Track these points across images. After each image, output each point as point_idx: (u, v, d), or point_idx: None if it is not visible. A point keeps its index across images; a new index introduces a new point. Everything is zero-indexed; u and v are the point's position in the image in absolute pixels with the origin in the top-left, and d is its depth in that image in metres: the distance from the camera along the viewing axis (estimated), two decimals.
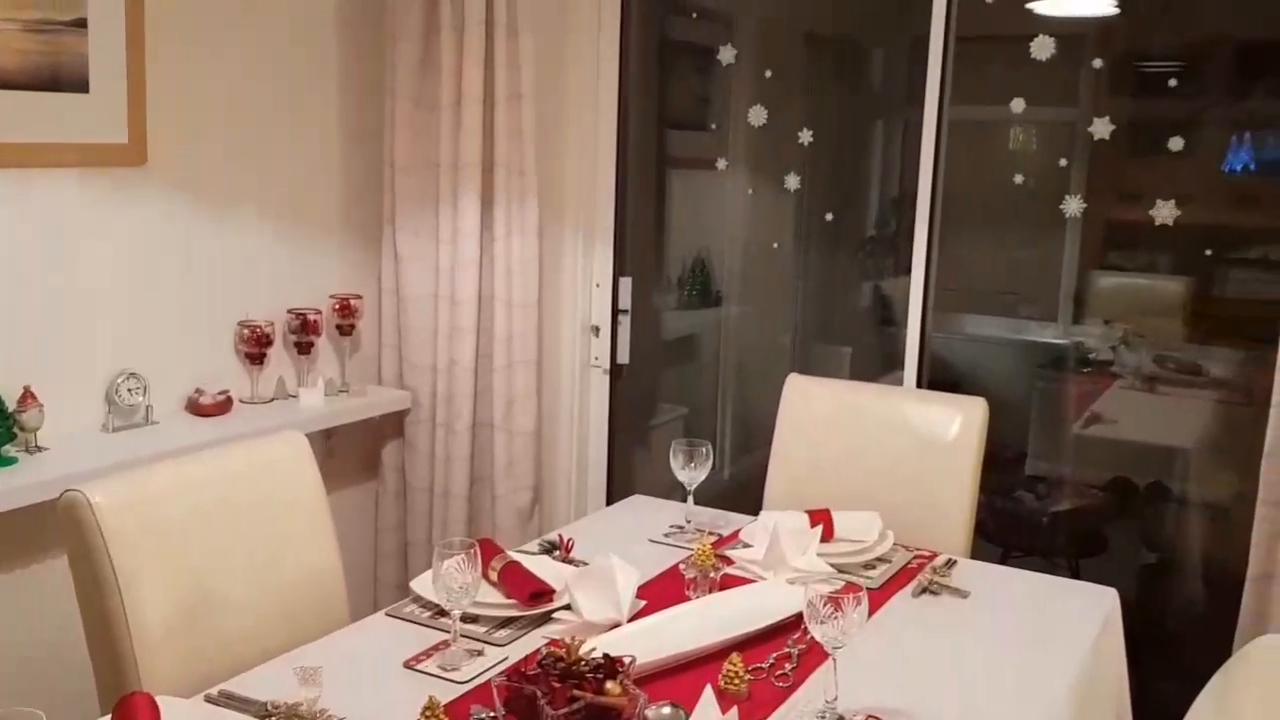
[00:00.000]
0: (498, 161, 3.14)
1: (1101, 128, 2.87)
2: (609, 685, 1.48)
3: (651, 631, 1.84)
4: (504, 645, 1.85)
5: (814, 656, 1.78)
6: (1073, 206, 2.96)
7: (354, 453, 3.35)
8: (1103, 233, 3.27)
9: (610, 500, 3.57)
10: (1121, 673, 2.12)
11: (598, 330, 3.57)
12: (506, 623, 1.92)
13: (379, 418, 3.26)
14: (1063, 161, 3.02)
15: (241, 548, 1.97)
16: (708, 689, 1.60)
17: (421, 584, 2.00)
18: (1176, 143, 2.81)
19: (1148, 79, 3.10)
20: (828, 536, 2.25)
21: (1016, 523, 3.45)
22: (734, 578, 2.13)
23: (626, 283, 3.57)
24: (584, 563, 2.13)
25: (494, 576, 1.99)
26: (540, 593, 1.96)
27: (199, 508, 1.92)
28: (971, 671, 1.83)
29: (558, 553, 2.22)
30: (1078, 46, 2.97)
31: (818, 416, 2.68)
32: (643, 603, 1.99)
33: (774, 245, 3.90)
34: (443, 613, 1.86)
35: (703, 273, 4.02)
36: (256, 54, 2.94)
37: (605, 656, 1.54)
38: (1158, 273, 3.30)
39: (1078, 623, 2.02)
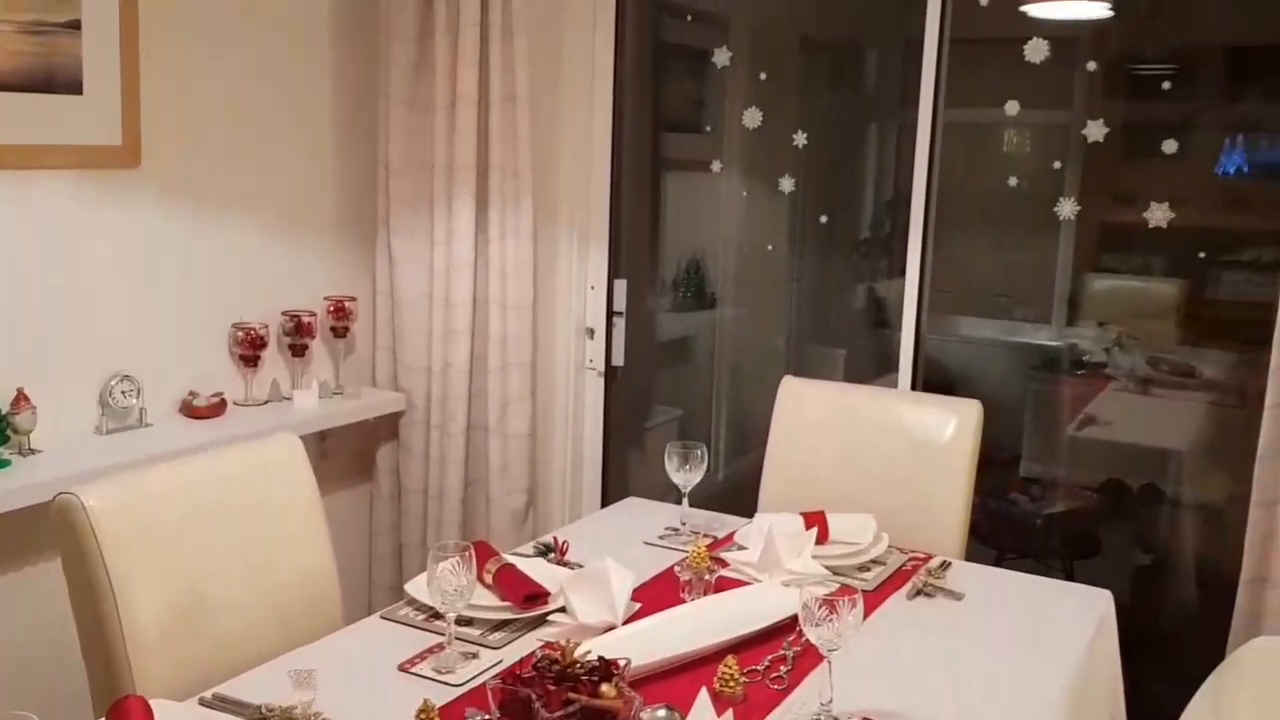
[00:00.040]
0: (492, 164, 3.14)
1: (1095, 130, 2.88)
2: (604, 688, 1.48)
3: (646, 634, 1.84)
4: (499, 648, 1.85)
5: (809, 659, 1.78)
6: (1067, 209, 2.97)
7: (348, 455, 3.35)
8: (1097, 235, 3.28)
9: (605, 502, 3.57)
10: (1116, 674, 2.12)
11: (592, 332, 3.57)
12: (501, 625, 1.92)
13: (373, 420, 3.26)
14: (1057, 164, 3.03)
15: (236, 550, 1.97)
16: (703, 691, 1.60)
17: (416, 587, 2.00)
18: (1170, 145, 2.81)
19: (1141, 82, 3.11)
20: (823, 539, 2.25)
21: (1011, 525, 3.45)
22: (729, 580, 2.13)
23: (621, 285, 3.57)
24: (579, 565, 2.13)
25: (489, 579, 1.99)
26: (535, 595, 1.96)
27: (193, 510, 1.92)
28: (966, 673, 1.83)
29: (552, 555, 2.21)
30: (1072, 49, 2.98)
31: (812, 419, 2.69)
32: (638, 605, 1.99)
33: (769, 247, 3.91)
34: (437, 615, 1.86)
35: (697, 275, 4.02)
36: (251, 56, 2.94)
37: (600, 659, 1.54)
38: (1151, 275, 3.30)
39: (1072, 624, 2.03)
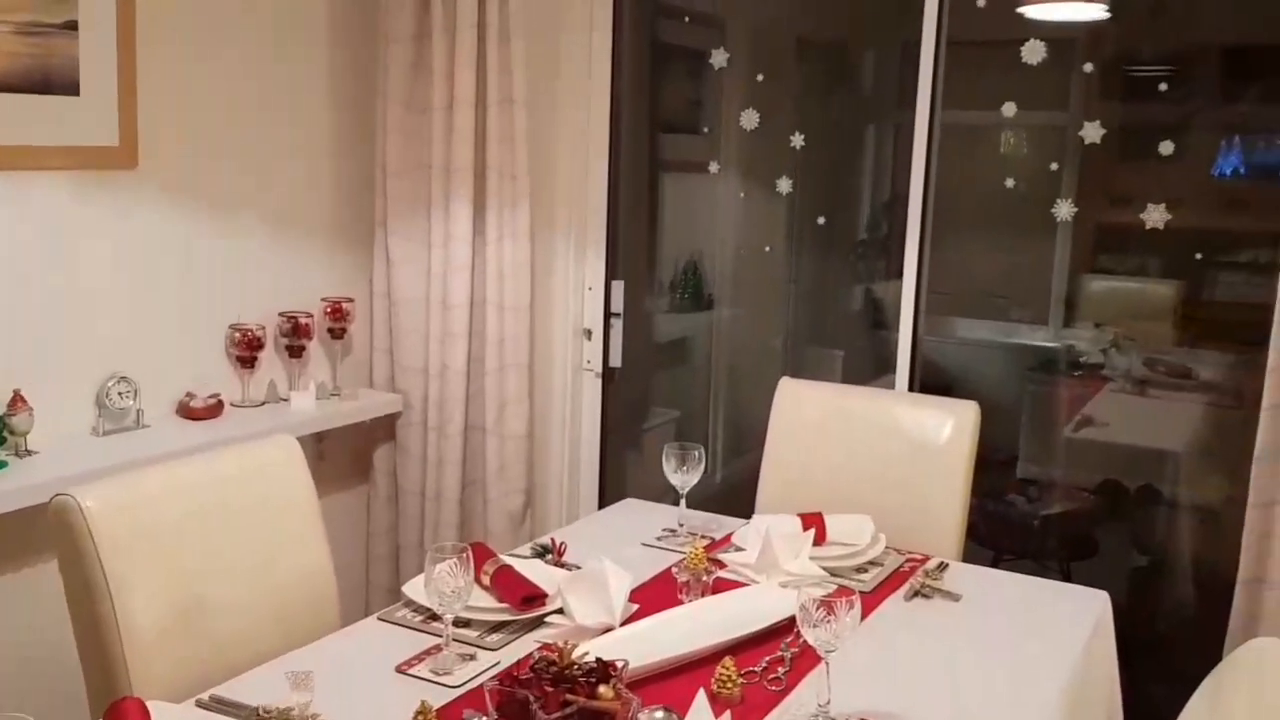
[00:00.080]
0: (489, 165, 3.14)
1: (1092, 132, 2.88)
2: (602, 689, 1.48)
3: (644, 635, 1.84)
4: (496, 649, 1.85)
5: (807, 660, 1.78)
6: (1064, 210, 2.97)
7: (345, 456, 3.35)
8: (1093, 236, 3.28)
9: (602, 504, 3.57)
10: (1113, 675, 2.13)
11: (590, 334, 3.57)
12: (499, 627, 1.92)
13: (370, 421, 3.26)
14: (1054, 165, 3.03)
15: (233, 552, 1.96)
16: (701, 693, 1.60)
17: (413, 588, 2.00)
18: (1167, 147, 2.82)
19: (1138, 83, 3.11)
20: (820, 540, 2.26)
21: (1008, 526, 3.45)
22: (726, 581, 2.13)
23: (618, 286, 3.57)
24: (576, 566, 2.13)
25: (486, 580, 1.99)
26: (533, 597, 1.96)
27: (190, 511, 1.92)
28: (963, 674, 1.84)
29: (550, 556, 2.21)
30: (1068, 51, 2.98)
31: (809, 420, 2.69)
32: (635, 606, 1.99)
33: (766, 249, 3.91)
34: (435, 617, 1.86)
35: (695, 276, 4.02)
36: (248, 57, 2.94)
37: (598, 660, 1.54)
38: (1148, 276, 3.31)
39: (1069, 626, 2.03)
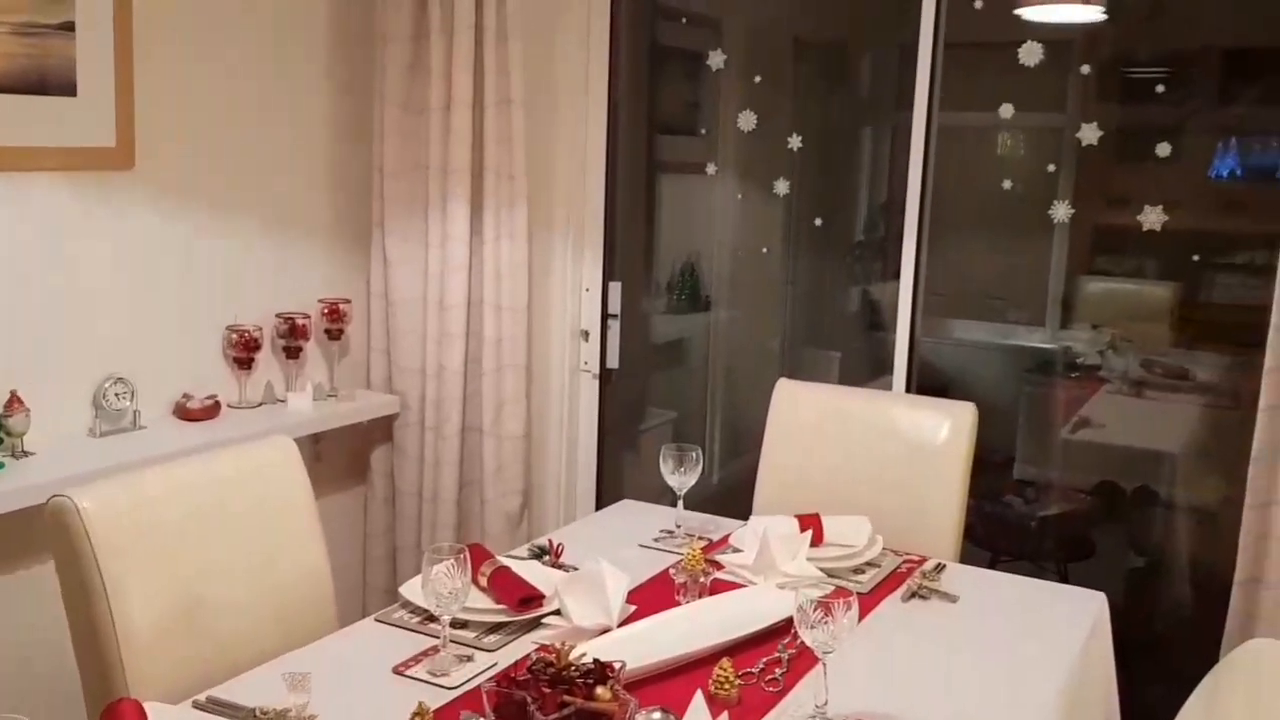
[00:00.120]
0: (487, 166, 3.14)
1: (1089, 133, 2.89)
2: (599, 690, 1.48)
3: (641, 636, 1.84)
4: (493, 651, 1.85)
5: (804, 661, 1.78)
6: (1061, 212, 2.97)
7: (342, 457, 3.34)
8: (1090, 238, 3.28)
9: (600, 505, 3.57)
10: (1110, 676, 2.13)
11: (587, 335, 3.57)
12: (496, 628, 1.92)
13: (367, 422, 3.26)
14: (1051, 167, 3.03)
15: (230, 553, 1.96)
16: (698, 694, 1.60)
17: (411, 589, 1.99)
18: (1164, 148, 2.82)
19: (1135, 85, 3.11)
20: (817, 541, 2.26)
21: (1005, 527, 3.45)
22: (724, 582, 2.13)
23: (616, 287, 3.56)
24: (574, 568, 2.13)
25: (483, 582, 1.99)
26: (530, 598, 1.96)
27: (187, 513, 1.92)
28: (961, 676, 1.84)
29: (547, 558, 2.21)
30: (1066, 53, 2.99)
31: (807, 421, 2.69)
32: (633, 608, 1.99)
33: (763, 250, 3.91)
34: (432, 618, 1.86)
35: (692, 277, 4.02)
36: (245, 57, 2.93)
37: (595, 662, 1.53)
38: (1145, 278, 3.31)
39: (1066, 626, 2.03)
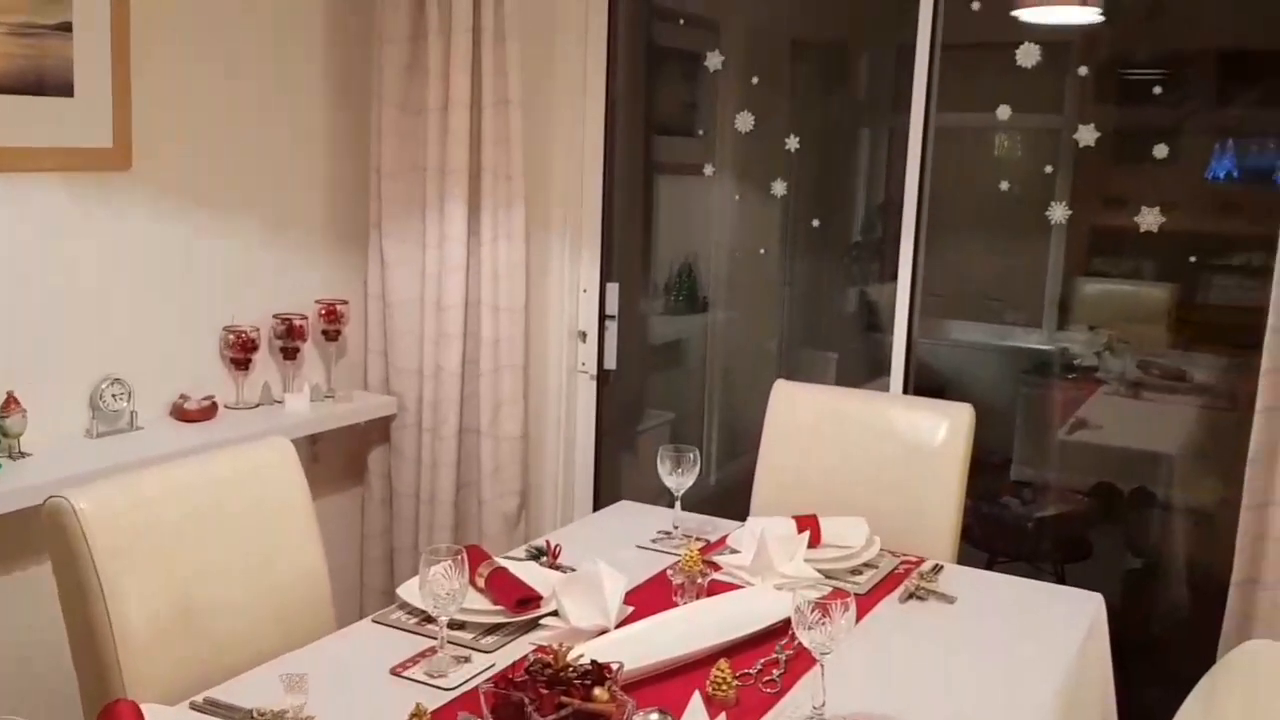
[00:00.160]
0: (484, 167, 3.14)
1: (1087, 135, 2.89)
2: (596, 692, 1.48)
3: (639, 638, 1.84)
4: (491, 652, 1.84)
5: (802, 662, 1.78)
6: (1058, 213, 2.97)
7: (340, 459, 3.34)
8: (1088, 239, 3.28)
9: (597, 506, 3.56)
10: (1107, 677, 2.13)
11: (584, 335, 3.57)
12: (493, 629, 1.92)
13: (365, 423, 3.25)
14: (1048, 168, 3.04)
15: (227, 554, 1.96)
16: (696, 695, 1.60)
17: (408, 590, 1.99)
18: (1161, 150, 2.82)
19: (1132, 86, 3.12)
20: (815, 542, 2.25)
21: (1002, 528, 3.45)
22: (721, 583, 2.13)
23: (613, 288, 3.56)
24: (571, 569, 2.13)
25: (481, 583, 1.98)
26: (527, 599, 1.96)
27: (184, 514, 1.91)
28: (958, 676, 1.84)
29: (545, 559, 2.21)
30: (1063, 54, 2.99)
31: (804, 422, 2.69)
32: (630, 609, 1.99)
33: (761, 251, 3.91)
34: (429, 619, 1.86)
35: (689, 278, 4.02)
36: (242, 58, 2.93)
37: (593, 663, 1.53)
38: (1142, 279, 3.31)
39: (1063, 628, 2.03)
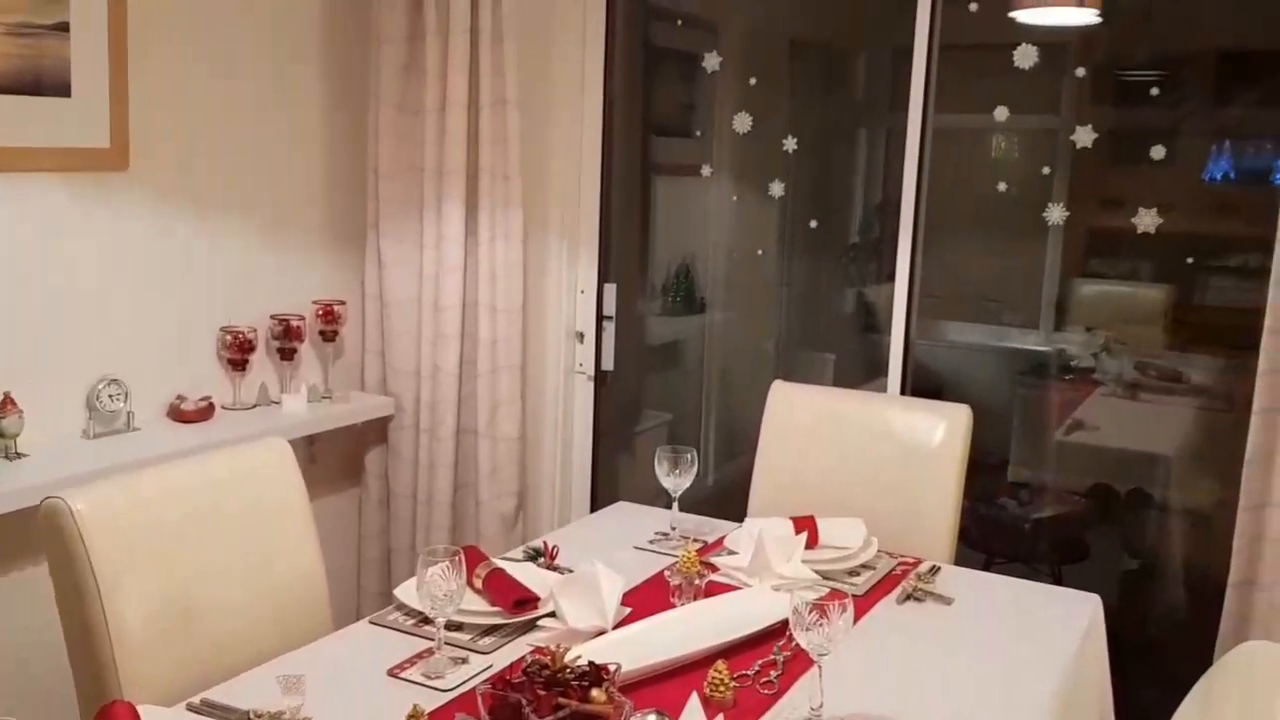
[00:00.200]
0: (482, 167, 3.14)
1: (1084, 136, 2.89)
2: (594, 693, 1.48)
3: (637, 639, 1.84)
4: (488, 653, 1.84)
5: (799, 663, 1.78)
6: (1055, 214, 2.97)
7: (337, 459, 3.34)
8: (1085, 240, 3.29)
9: (595, 507, 3.57)
10: (1104, 678, 2.13)
11: (582, 336, 3.57)
12: (491, 630, 1.92)
13: (362, 424, 3.25)
14: (1045, 169, 3.04)
15: (224, 555, 1.96)
16: (693, 696, 1.60)
17: (405, 591, 1.99)
18: (1158, 151, 2.83)
19: (1130, 88, 3.12)
20: (812, 543, 2.26)
21: (999, 529, 3.45)
22: (719, 585, 2.13)
23: (611, 289, 3.56)
24: (569, 570, 2.13)
25: (478, 584, 1.98)
26: (525, 600, 1.96)
27: (181, 515, 1.91)
28: (955, 677, 1.84)
29: (542, 560, 2.21)
30: (1060, 55, 2.99)
31: (801, 423, 2.69)
32: (628, 610, 1.99)
33: (758, 252, 3.91)
34: (427, 620, 1.86)
35: (687, 279, 4.02)
36: (240, 58, 2.93)
37: (590, 664, 1.53)
38: (1139, 280, 3.32)
39: (1061, 629, 2.03)
